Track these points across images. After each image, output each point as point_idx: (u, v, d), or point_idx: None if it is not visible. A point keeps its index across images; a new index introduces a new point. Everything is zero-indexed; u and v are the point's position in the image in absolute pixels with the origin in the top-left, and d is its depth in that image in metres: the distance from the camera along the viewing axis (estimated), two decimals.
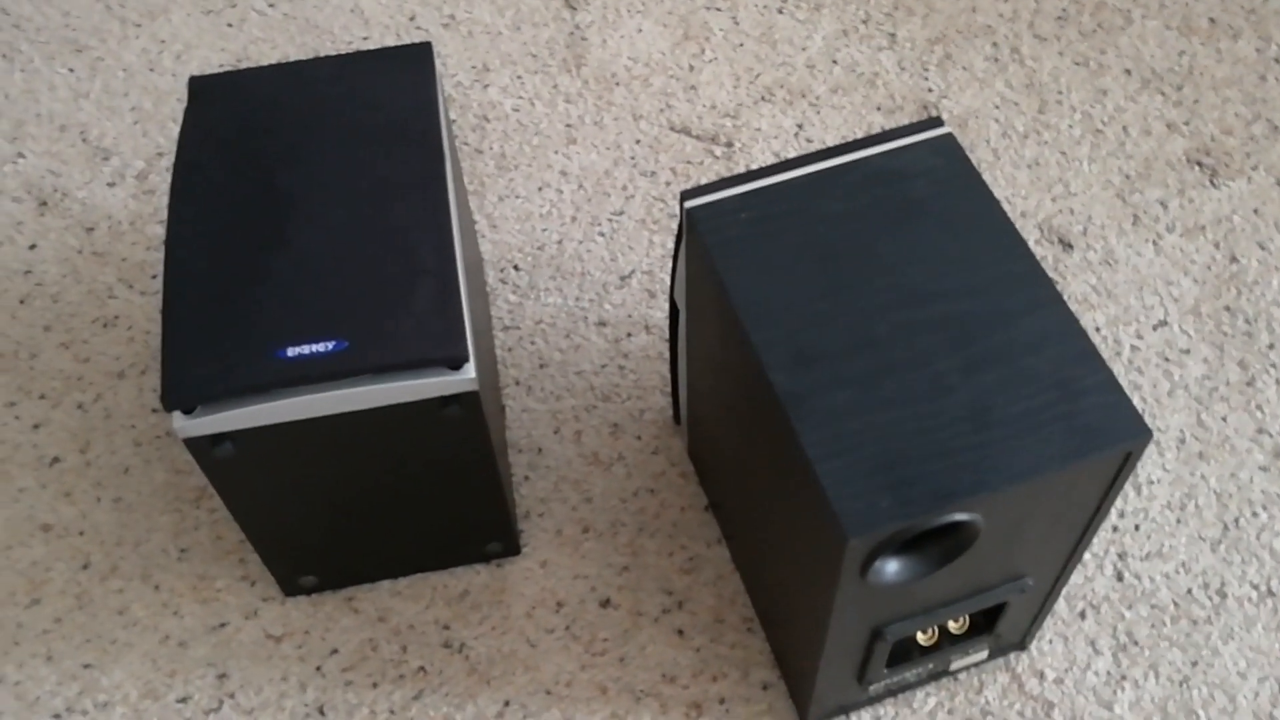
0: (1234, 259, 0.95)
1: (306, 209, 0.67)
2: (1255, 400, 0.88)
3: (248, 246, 0.66)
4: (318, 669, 0.77)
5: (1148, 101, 1.05)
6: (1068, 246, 0.96)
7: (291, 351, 0.61)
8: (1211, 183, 1.00)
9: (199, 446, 0.63)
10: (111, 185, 1.01)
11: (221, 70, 1.07)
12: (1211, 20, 1.11)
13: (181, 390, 0.61)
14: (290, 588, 0.79)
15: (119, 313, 0.93)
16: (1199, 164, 1.01)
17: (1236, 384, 0.88)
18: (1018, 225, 0.91)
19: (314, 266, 0.65)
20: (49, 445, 0.86)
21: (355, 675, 0.77)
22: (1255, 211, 0.98)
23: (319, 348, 0.62)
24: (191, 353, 0.62)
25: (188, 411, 0.61)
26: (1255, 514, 0.82)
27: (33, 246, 0.97)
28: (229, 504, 0.69)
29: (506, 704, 0.76)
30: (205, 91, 0.73)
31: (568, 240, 0.97)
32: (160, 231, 0.98)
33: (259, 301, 0.63)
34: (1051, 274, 0.93)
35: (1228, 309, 0.92)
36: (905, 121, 1.04)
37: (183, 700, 0.76)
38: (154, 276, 0.95)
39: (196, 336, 0.62)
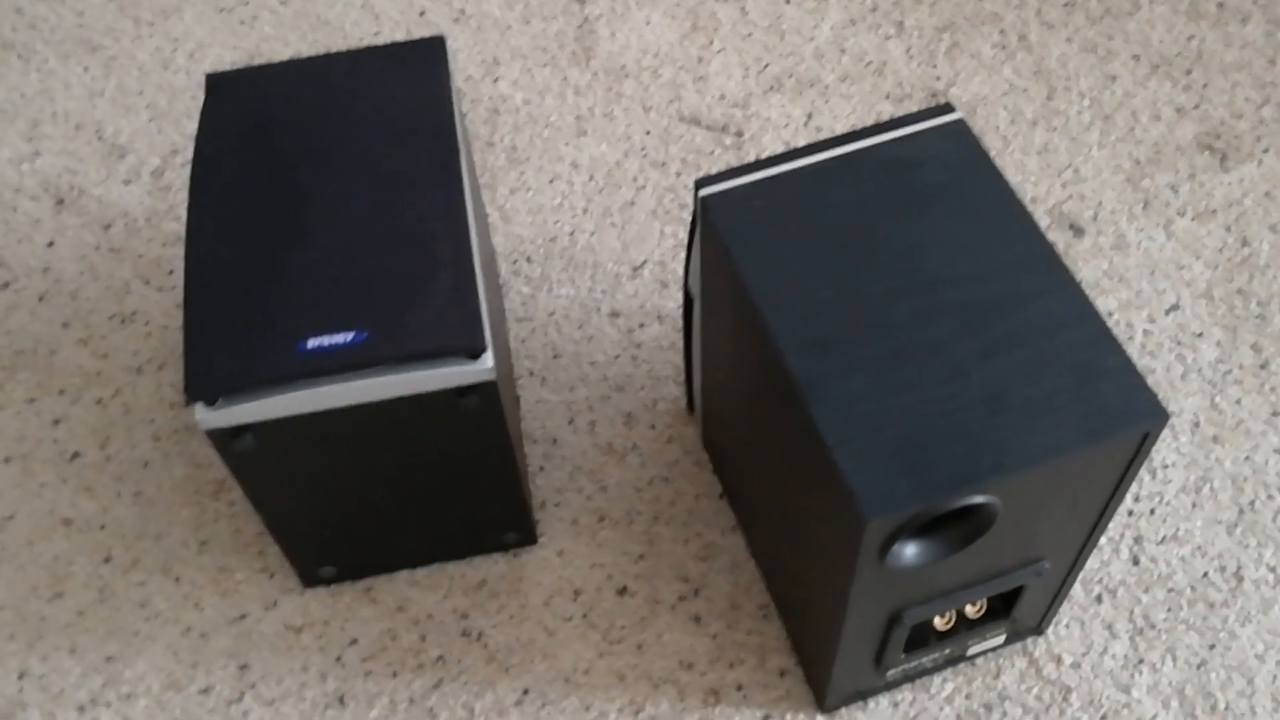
0: (1245, 242, 0.95)
1: (324, 202, 0.68)
2: (1269, 383, 0.88)
3: (266, 240, 0.66)
4: (338, 659, 0.78)
5: (1157, 86, 1.05)
6: (1079, 232, 0.96)
7: (311, 343, 0.62)
8: (1222, 166, 1.00)
9: (221, 438, 0.64)
10: (127, 183, 1.01)
11: (235, 67, 1.07)
12: (1220, 4, 1.10)
13: (204, 382, 0.61)
14: (309, 579, 0.79)
15: (136, 308, 0.94)
16: (1209, 148, 1.01)
17: (1250, 367, 0.89)
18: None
19: (332, 259, 0.65)
20: (69, 441, 0.87)
21: (375, 665, 0.77)
22: (1266, 195, 0.98)
23: (339, 339, 0.62)
24: (213, 345, 0.62)
25: (210, 403, 0.62)
26: (1271, 497, 0.83)
27: (50, 244, 0.98)
28: (249, 495, 0.69)
29: (525, 692, 0.76)
30: (222, 87, 0.73)
31: (580, 232, 0.97)
32: (176, 228, 0.98)
33: (278, 294, 0.64)
34: (1063, 259, 0.93)
35: (1240, 292, 0.92)
36: (914, 109, 1.04)
37: (205, 691, 0.77)
38: (170, 272, 0.96)
39: (218, 329, 0.63)
